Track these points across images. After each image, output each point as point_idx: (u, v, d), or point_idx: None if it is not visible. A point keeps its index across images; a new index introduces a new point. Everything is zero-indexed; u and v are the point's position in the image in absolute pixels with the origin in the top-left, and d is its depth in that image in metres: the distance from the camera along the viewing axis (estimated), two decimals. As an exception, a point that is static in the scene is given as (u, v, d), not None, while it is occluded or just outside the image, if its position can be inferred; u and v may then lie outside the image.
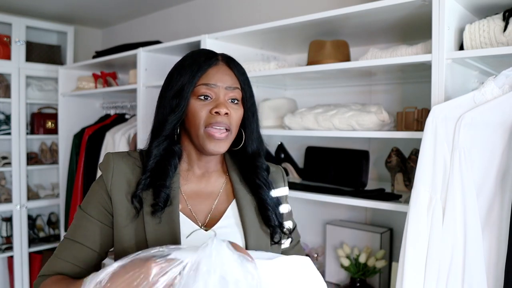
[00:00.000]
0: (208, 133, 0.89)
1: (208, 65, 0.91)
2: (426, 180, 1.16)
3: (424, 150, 1.17)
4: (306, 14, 1.52)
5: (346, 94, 1.99)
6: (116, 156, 0.93)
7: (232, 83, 0.92)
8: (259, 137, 1.00)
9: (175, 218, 0.88)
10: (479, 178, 1.11)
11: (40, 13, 3.00)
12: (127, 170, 0.91)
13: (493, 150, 1.09)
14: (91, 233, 0.89)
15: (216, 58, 0.93)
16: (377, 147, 1.87)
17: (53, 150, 3.24)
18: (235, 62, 0.96)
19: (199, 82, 0.90)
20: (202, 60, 0.91)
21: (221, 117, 0.88)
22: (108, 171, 0.91)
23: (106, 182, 0.90)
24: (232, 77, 0.93)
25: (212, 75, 0.90)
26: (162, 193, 0.88)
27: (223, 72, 0.92)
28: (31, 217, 3.17)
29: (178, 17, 2.88)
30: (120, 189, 0.89)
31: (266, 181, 0.98)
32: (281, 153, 2.02)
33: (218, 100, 0.90)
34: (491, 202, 1.10)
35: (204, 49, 0.98)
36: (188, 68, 0.91)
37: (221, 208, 0.95)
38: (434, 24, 1.23)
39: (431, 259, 1.13)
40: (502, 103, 1.08)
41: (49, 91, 3.13)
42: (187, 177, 0.96)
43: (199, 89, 0.90)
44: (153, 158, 0.91)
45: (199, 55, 0.94)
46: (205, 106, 0.89)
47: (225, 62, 0.94)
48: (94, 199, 0.91)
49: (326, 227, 1.94)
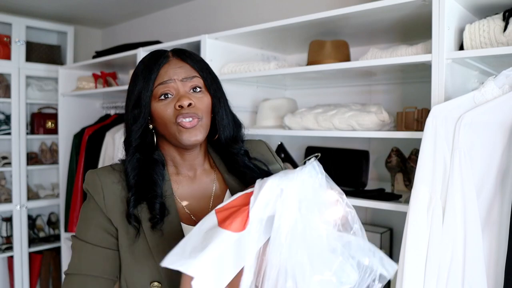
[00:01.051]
0: (179, 127, 0.87)
1: (159, 65, 0.89)
2: (426, 180, 1.16)
3: (424, 150, 1.17)
4: (306, 14, 1.52)
5: (346, 94, 1.98)
6: (101, 174, 0.89)
7: (187, 73, 0.90)
8: (233, 121, 0.97)
9: (176, 227, 0.86)
10: (479, 178, 1.11)
11: (40, 13, 3.00)
12: (116, 187, 0.88)
13: (493, 150, 1.09)
14: (98, 261, 0.85)
15: (166, 56, 0.91)
16: (377, 147, 1.87)
17: (53, 150, 3.24)
18: (187, 53, 0.93)
19: (155, 84, 0.88)
20: (152, 63, 0.90)
21: (186, 109, 0.86)
22: (97, 192, 0.87)
23: (100, 204, 0.86)
24: (186, 68, 0.91)
25: (165, 72, 0.89)
26: (156, 204, 0.85)
27: (175, 66, 0.90)
28: (31, 217, 3.17)
29: (178, 17, 2.88)
30: (116, 209, 0.86)
31: (249, 166, 0.96)
32: (281, 153, 2.02)
33: (178, 94, 0.88)
34: (491, 202, 1.10)
35: (154, 51, 0.95)
36: (140, 75, 0.89)
37: (218, 204, 0.94)
38: (434, 24, 1.23)
39: (431, 259, 1.13)
40: (502, 103, 1.08)
41: (49, 91, 3.13)
42: (178, 181, 0.94)
43: (157, 91, 0.88)
44: (131, 172, 0.88)
45: (149, 59, 0.92)
46: (169, 104, 0.87)
47: (177, 56, 0.92)
48: (92, 225, 0.86)
49: (326, 227, 1.94)
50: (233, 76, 1.77)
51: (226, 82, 1.91)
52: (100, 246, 0.85)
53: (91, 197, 0.88)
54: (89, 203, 0.88)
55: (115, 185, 0.88)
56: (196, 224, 0.89)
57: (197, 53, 0.96)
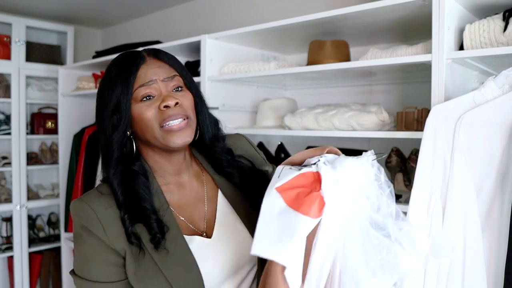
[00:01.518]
0: (165, 130, 0.82)
1: (136, 66, 0.84)
2: (426, 180, 1.16)
3: (424, 150, 1.17)
4: (306, 14, 1.52)
5: (346, 94, 1.98)
6: (92, 203, 0.81)
7: (167, 73, 0.85)
8: (212, 120, 0.95)
9: (180, 241, 0.82)
10: (479, 178, 1.11)
11: (40, 13, 3.00)
12: (110, 212, 0.81)
13: (493, 150, 1.09)
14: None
15: (141, 56, 0.86)
16: (377, 147, 1.87)
17: (53, 150, 3.24)
18: (163, 52, 0.89)
19: (135, 87, 0.82)
20: (128, 65, 0.84)
21: (173, 109, 0.82)
22: (95, 225, 0.79)
23: (102, 237, 0.78)
24: (165, 67, 0.86)
25: (144, 73, 0.83)
26: (152, 223, 0.80)
27: (153, 66, 0.85)
28: (31, 217, 3.17)
29: (178, 17, 2.88)
30: (119, 235, 0.79)
31: (235, 165, 0.95)
32: (281, 153, 2.02)
33: (161, 94, 0.83)
34: (491, 202, 1.10)
35: (124, 53, 0.89)
36: (116, 79, 0.83)
37: (212, 209, 0.92)
38: (434, 24, 1.23)
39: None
40: (502, 103, 1.08)
41: (49, 91, 3.13)
42: (169, 190, 0.90)
43: (138, 93, 0.82)
44: (117, 188, 0.82)
45: (123, 60, 0.86)
46: (151, 106, 0.82)
47: (152, 55, 0.87)
48: (97, 261, 0.79)
49: (326, 227, 1.94)
50: (233, 76, 1.77)
51: (226, 82, 1.92)
52: (111, 282, 0.79)
53: (89, 231, 0.79)
54: (88, 239, 0.80)
55: (108, 210, 0.81)
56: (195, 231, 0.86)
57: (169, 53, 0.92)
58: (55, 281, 3.13)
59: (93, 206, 0.81)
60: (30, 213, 3.15)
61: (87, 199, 0.83)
